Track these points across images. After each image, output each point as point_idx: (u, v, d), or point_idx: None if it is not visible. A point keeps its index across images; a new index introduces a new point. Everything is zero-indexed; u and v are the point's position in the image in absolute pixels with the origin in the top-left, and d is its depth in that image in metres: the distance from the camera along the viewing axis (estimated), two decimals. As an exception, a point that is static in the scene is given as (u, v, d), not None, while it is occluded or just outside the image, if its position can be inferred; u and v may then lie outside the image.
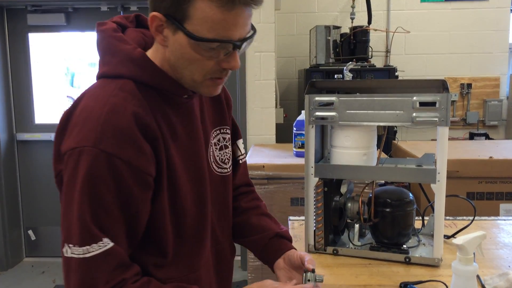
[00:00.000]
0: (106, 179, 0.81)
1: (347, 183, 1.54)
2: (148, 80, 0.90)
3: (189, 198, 0.96)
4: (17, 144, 3.71)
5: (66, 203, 0.84)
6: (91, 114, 0.84)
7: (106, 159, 0.81)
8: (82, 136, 0.82)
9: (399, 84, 1.52)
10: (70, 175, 0.83)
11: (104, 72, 0.93)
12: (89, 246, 0.81)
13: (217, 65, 0.88)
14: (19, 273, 3.54)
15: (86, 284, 0.82)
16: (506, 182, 2.52)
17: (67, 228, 0.83)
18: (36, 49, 3.67)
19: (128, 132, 0.83)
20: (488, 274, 1.25)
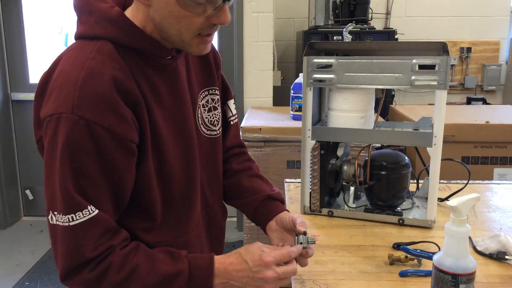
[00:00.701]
0: (86, 146, 0.79)
1: (343, 146, 1.54)
2: (127, 41, 0.86)
3: (176, 162, 0.94)
4: (12, 103, 3.68)
5: (48, 171, 0.82)
6: (68, 79, 0.80)
7: (86, 126, 0.78)
8: (60, 103, 0.79)
9: (398, 46, 1.50)
10: (49, 143, 0.81)
11: (81, 33, 0.88)
12: (74, 214, 0.80)
13: (206, 21, 0.84)
14: (18, 231, 3.59)
15: (73, 251, 0.82)
16: (501, 147, 2.54)
17: (50, 196, 0.82)
18: (29, 8, 3.58)
19: (107, 98, 0.80)
20: (480, 236, 1.28)
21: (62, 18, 3.71)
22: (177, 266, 0.87)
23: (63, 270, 0.83)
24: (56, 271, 0.83)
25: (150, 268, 0.85)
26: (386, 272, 1.13)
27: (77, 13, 0.90)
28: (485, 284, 1.07)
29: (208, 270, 0.88)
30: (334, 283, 1.08)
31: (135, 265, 0.85)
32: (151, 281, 0.85)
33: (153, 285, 0.85)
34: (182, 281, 0.86)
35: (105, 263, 0.83)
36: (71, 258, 0.82)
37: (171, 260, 0.88)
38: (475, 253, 1.20)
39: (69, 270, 0.83)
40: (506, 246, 1.18)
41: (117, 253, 0.85)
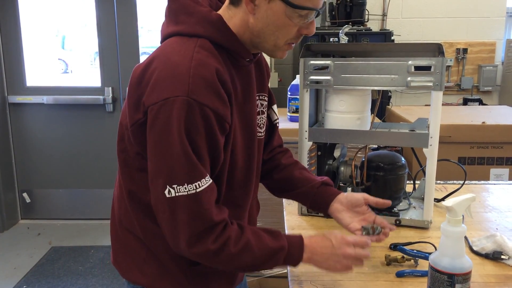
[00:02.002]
0: (199, 126, 0.89)
1: (340, 147, 1.55)
2: (222, 41, 0.97)
3: (240, 153, 1.04)
4: (9, 107, 3.67)
5: (162, 148, 0.90)
6: (179, 67, 0.90)
7: (199, 108, 0.88)
8: (174, 88, 0.88)
9: (394, 48, 1.50)
10: (164, 123, 0.89)
11: (179, 30, 0.98)
12: (199, 182, 0.90)
13: (298, 31, 0.99)
14: (15, 235, 3.58)
15: (199, 215, 0.91)
16: (497, 147, 2.55)
17: (167, 172, 0.90)
18: (26, 11, 3.58)
19: (214, 85, 0.91)
20: (476, 236, 1.29)
21: (59, 21, 3.70)
22: (279, 242, 0.99)
23: (189, 238, 0.92)
24: (53, 274, 0.84)
25: (258, 243, 0.98)
26: (383, 273, 1.13)
27: (172, 13, 1.01)
28: (481, 283, 1.08)
29: (300, 246, 1.01)
30: (331, 284, 1.09)
31: (247, 240, 0.96)
32: (260, 254, 0.97)
33: (260, 257, 0.98)
34: (283, 255, 0.99)
35: (225, 235, 0.94)
36: (197, 223, 0.91)
37: (273, 237, 1.00)
38: (471, 253, 1.21)
39: (195, 236, 0.92)
40: (502, 246, 1.18)
41: (232, 228, 0.96)
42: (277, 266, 1.00)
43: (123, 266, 1.11)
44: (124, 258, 1.10)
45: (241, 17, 0.98)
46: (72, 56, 4.13)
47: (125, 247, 1.09)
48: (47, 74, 3.88)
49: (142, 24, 3.65)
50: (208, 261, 0.96)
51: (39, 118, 3.70)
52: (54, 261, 3.13)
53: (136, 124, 0.95)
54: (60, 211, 3.82)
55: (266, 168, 1.25)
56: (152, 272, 1.05)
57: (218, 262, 0.96)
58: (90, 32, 3.64)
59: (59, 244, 3.39)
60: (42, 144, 3.72)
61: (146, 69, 0.94)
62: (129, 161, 1.02)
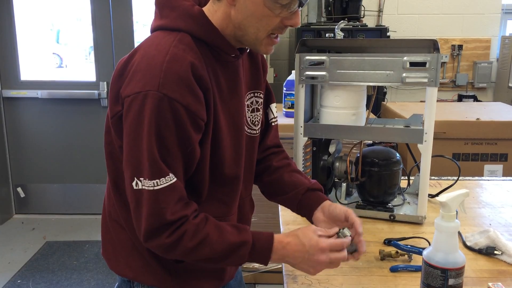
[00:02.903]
0: (169, 121, 0.89)
1: (335, 143, 1.55)
2: (203, 35, 0.97)
3: (227, 150, 1.03)
4: (3, 101, 3.65)
5: (132, 141, 0.91)
6: (153, 61, 0.90)
7: (169, 103, 0.88)
8: (146, 82, 0.89)
9: (390, 44, 1.51)
10: (135, 116, 0.90)
11: (162, 25, 0.98)
12: (158, 180, 0.90)
13: (280, 22, 0.95)
14: (10, 229, 3.57)
15: (155, 212, 0.91)
16: (491, 144, 2.56)
17: (135, 164, 0.91)
18: (20, 5, 3.55)
19: (187, 80, 0.90)
20: (469, 231, 1.30)
21: (53, 15, 3.68)
22: (242, 236, 0.97)
23: (145, 232, 0.92)
24: (48, 269, 0.84)
25: (218, 237, 0.95)
26: (377, 268, 1.14)
27: (158, 7, 1.01)
28: (474, 278, 1.09)
29: (268, 245, 0.98)
30: (325, 279, 1.09)
31: (206, 234, 0.95)
32: (219, 248, 0.95)
33: (221, 251, 0.95)
34: (246, 250, 0.96)
35: (181, 230, 0.93)
36: (153, 220, 0.91)
37: (237, 232, 0.98)
38: (464, 248, 1.22)
39: (151, 231, 0.92)
40: (495, 241, 1.19)
41: (190, 222, 0.94)
42: (243, 261, 0.98)
43: (111, 258, 1.11)
44: (112, 250, 1.10)
45: (223, 10, 0.97)
46: (67, 50, 4.11)
47: (113, 239, 1.10)
48: (42, 68, 3.86)
49: (137, 19, 3.63)
50: (164, 254, 0.96)
51: (33, 113, 3.68)
52: (48, 255, 3.13)
53: (115, 116, 0.96)
54: (54, 206, 3.81)
55: (257, 169, 1.23)
56: (136, 265, 1.06)
57: (175, 255, 0.96)
58: (85, 26, 3.63)
59: (53, 238, 3.38)
60: (37, 139, 3.71)
61: (127, 62, 0.96)
62: (114, 153, 1.02)
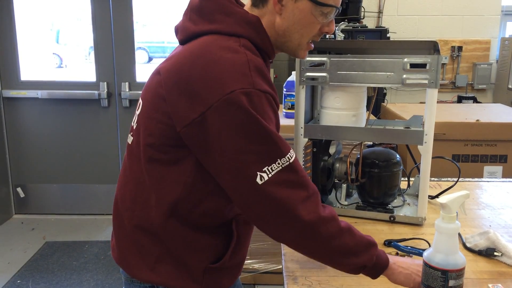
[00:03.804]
0: (268, 111, 0.93)
1: (335, 144, 1.55)
2: (259, 42, 1.00)
3: None
4: (3, 101, 3.65)
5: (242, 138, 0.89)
6: (236, 62, 0.92)
7: (264, 96, 0.92)
8: (237, 81, 0.90)
9: (390, 45, 1.51)
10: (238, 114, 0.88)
11: (215, 29, 0.99)
12: (289, 153, 0.93)
13: (319, 29, 1.03)
14: (9, 229, 3.57)
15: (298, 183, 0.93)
16: (491, 145, 2.56)
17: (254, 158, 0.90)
18: (20, 5, 3.55)
19: (267, 76, 0.96)
20: (469, 233, 1.30)
21: (53, 15, 3.68)
22: (372, 239, 1.02)
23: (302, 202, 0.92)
24: (47, 269, 0.84)
25: (357, 231, 1.00)
26: (377, 269, 1.14)
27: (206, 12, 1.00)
28: (474, 280, 1.09)
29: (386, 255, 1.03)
30: (325, 280, 1.09)
31: (347, 223, 0.99)
32: (359, 240, 0.99)
33: (359, 244, 0.99)
34: (375, 251, 1.00)
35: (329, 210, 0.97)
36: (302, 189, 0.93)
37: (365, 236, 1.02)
38: (464, 250, 1.22)
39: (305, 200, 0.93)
40: (495, 243, 1.19)
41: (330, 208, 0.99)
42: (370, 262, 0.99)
43: (131, 264, 1.08)
44: (133, 256, 1.07)
45: (267, 18, 1.01)
46: (67, 50, 4.11)
47: (134, 245, 1.06)
48: (42, 68, 3.86)
49: (137, 19, 3.63)
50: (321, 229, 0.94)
51: (33, 113, 3.68)
52: (48, 256, 3.12)
53: (190, 124, 0.91)
54: (54, 206, 3.80)
55: None
56: (166, 270, 1.03)
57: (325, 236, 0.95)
58: (85, 26, 3.63)
59: (53, 239, 3.38)
60: (37, 139, 3.71)
61: (191, 67, 0.93)
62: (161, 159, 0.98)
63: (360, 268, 1.00)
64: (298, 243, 0.97)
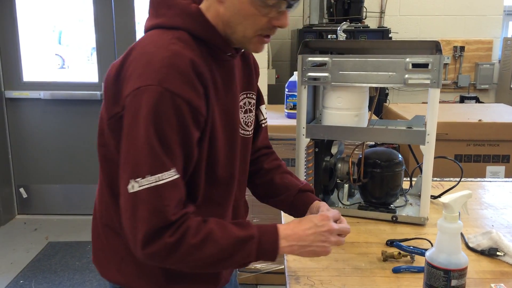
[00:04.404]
0: (170, 116, 0.86)
1: (337, 144, 1.55)
2: (202, 33, 0.96)
3: (222, 150, 1.01)
4: (6, 101, 3.66)
5: (130, 140, 0.87)
6: (154, 57, 0.88)
7: (170, 97, 0.85)
8: (146, 77, 0.87)
9: (392, 45, 1.51)
10: (134, 113, 0.86)
11: (158, 23, 0.97)
12: (161, 174, 0.86)
13: (268, 22, 0.94)
14: (12, 230, 3.58)
15: (157, 212, 0.86)
16: (493, 145, 2.56)
17: (133, 164, 0.87)
18: (23, 6, 3.56)
19: (188, 75, 0.88)
20: (472, 232, 1.30)
21: (56, 16, 3.69)
22: (247, 231, 0.93)
23: (146, 234, 0.87)
24: (50, 270, 0.84)
25: (223, 232, 0.91)
26: (380, 269, 1.14)
27: (153, 6, 0.99)
28: (477, 279, 1.09)
29: (274, 234, 0.95)
30: (328, 280, 1.09)
31: (210, 229, 0.91)
32: (225, 243, 0.91)
33: (227, 247, 0.91)
34: (253, 244, 0.92)
35: (183, 227, 0.89)
36: (155, 219, 0.86)
37: (241, 227, 0.94)
38: (467, 250, 1.22)
39: (152, 233, 0.87)
40: (497, 242, 1.19)
41: (192, 219, 0.91)
42: (250, 260, 0.93)
43: (102, 264, 1.08)
44: (103, 256, 1.07)
45: (214, 8, 0.96)
46: (69, 51, 4.12)
47: (104, 244, 1.06)
48: (44, 69, 3.87)
49: (139, 20, 3.64)
50: (167, 256, 0.89)
51: (36, 113, 3.69)
52: (50, 256, 3.13)
53: (114, 117, 0.93)
54: (57, 207, 3.81)
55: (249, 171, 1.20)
56: (129, 271, 1.02)
57: (178, 258, 0.89)
58: (87, 27, 3.63)
59: (55, 239, 3.39)
60: (39, 139, 3.72)
61: (124, 62, 0.93)
62: (108, 155, 0.98)
63: (245, 264, 0.94)
64: None
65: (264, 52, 3.37)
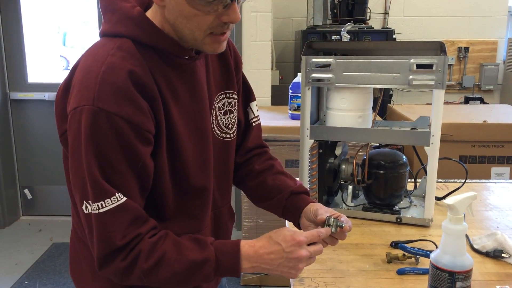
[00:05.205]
0: (108, 137, 0.82)
1: (341, 145, 1.55)
2: (147, 39, 0.89)
3: (191, 159, 0.96)
4: (11, 103, 3.67)
5: (75, 162, 0.85)
6: (89, 73, 0.84)
7: (106, 117, 0.81)
8: (81, 96, 0.83)
9: (396, 46, 1.50)
10: (74, 135, 0.83)
11: (104, 30, 0.92)
12: (103, 201, 0.83)
13: (217, 19, 0.86)
14: (16, 231, 3.59)
15: (104, 239, 0.84)
16: (498, 146, 2.55)
17: (81, 186, 0.84)
18: (27, 8, 3.58)
19: (125, 90, 0.82)
20: (477, 234, 1.29)
21: (60, 18, 3.70)
22: (203, 253, 0.88)
23: (98, 259, 0.86)
24: (55, 270, 0.84)
25: (177, 255, 0.87)
26: (384, 270, 1.14)
27: (102, 12, 0.93)
28: (482, 281, 1.08)
29: (235, 255, 0.89)
30: (332, 281, 1.09)
31: (163, 253, 0.87)
32: (179, 267, 0.87)
33: (181, 271, 0.87)
34: (210, 268, 0.88)
35: (135, 251, 0.85)
36: (103, 246, 0.84)
37: (198, 248, 0.89)
38: (472, 251, 1.21)
39: (102, 258, 0.85)
40: (502, 244, 1.18)
41: (146, 241, 0.86)
42: (209, 280, 0.89)
43: (76, 277, 1.06)
44: (78, 268, 1.05)
45: (160, 12, 0.89)
46: (74, 53, 4.13)
47: (79, 256, 1.04)
48: (49, 70, 3.88)
49: (143, 21, 3.65)
50: (122, 279, 0.88)
51: (40, 115, 3.70)
52: (55, 257, 3.14)
53: (63, 135, 0.90)
54: (61, 208, 3.82)
55: (240, 173, 1.16)
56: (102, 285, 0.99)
57: (133, 280, 0.87)
58: (92, 29, 3.65)
59: (60, 240, 3.39)
60: (44, 141, 3.73)
61: (71, 75, 0.89)
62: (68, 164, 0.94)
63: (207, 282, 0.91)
64: None
65: (267, 53, 3.37)
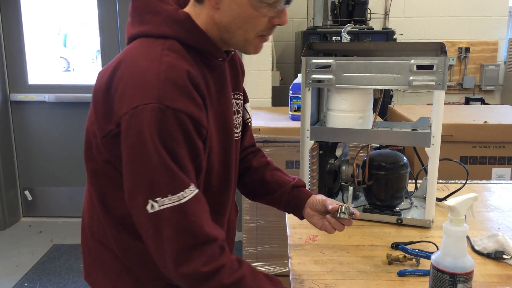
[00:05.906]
0: (176, 134, 0.84)
1: (342, 146, 1.55)
2: (192, 41, 0.92)
3: (216, 158, 0.99)
4: (11, 104, 3.67)
5: (139, 161, 0.84)
6: (147, 72, 0.85)
7: (173, 114, 0.83)
8: (143, 94, 0.83)
9: (397, 47, 1.50)
10: (137, 133, 0.83)
11: (144, 31, 0.93)
12: (183, 192, 0.84)
13: (269, 22, 0.92)
14: (17, 232, 3.59)
15: (186, 228, 0.85)
16: (499, 147, 2.54)
17: (147, 185, 0.84)
18: (28, 9, 3.58)
19: (187, 88, 0.85)
20: (478, 235, 1.29)
21: (61, 19, 3.70)
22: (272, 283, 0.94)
23: (177, 254, 0.85)
24: (55, 272, 0.84)
25: (253, 282, 0.91)
26: (385, 272, 1.13)
27: (136, 13, 0.95)
28: (483, 283, 1.08)
29: None
30: (332, 283, 1.08)
31: (243, 275, 0.90)
32: None
33: None
34: None
35: (219, 262, 0.87)
36: (187, 236, 0.85)
37: (270, 282, 0.94)
38: (473, 253, 1.21)
39: (184, 251, 0.85)
40: (504, 245, 1.18)
41: (228, 256, 0.89)
42: None
43: (95, 281, 1.06)
44: (96, 272, 1.05)
45: (206, 13, 0.92)
46: (74, 54, 4.14)
47: (97, 260, 1.04)
48: (49, 72, 3.89)
49: (144, 23, 3.65)
50: (196, 285, 0.87)
51: (41, 116, 3.70)
52: (55, 259, 3.14)
53: (108, 135, 0.89)
54: (61, 209, 3.82)
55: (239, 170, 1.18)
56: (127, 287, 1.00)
57: None
58: (92, 30, 3.65)
59: (60, 242, 3.39)
60: (44, 142, 3.73)
61: (113, 75, 0.89)
62: (99, 171, 0.95)
63: None
64: None
65: (268, 54, 3.37)
